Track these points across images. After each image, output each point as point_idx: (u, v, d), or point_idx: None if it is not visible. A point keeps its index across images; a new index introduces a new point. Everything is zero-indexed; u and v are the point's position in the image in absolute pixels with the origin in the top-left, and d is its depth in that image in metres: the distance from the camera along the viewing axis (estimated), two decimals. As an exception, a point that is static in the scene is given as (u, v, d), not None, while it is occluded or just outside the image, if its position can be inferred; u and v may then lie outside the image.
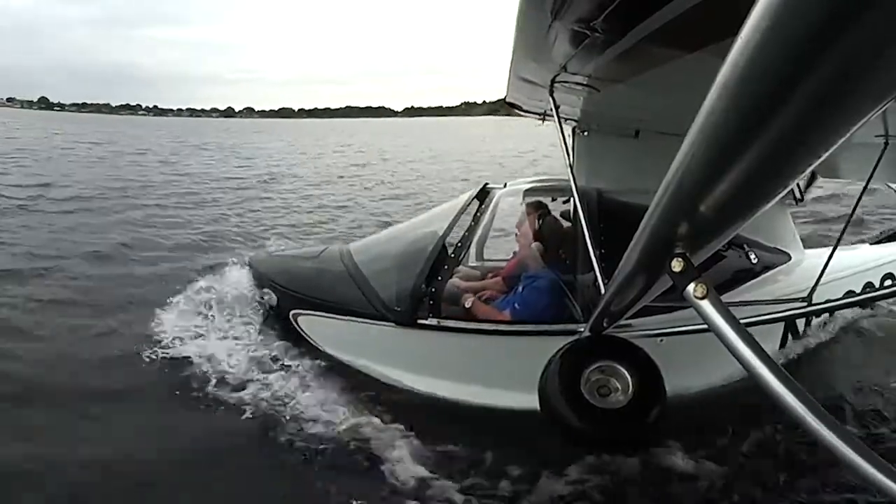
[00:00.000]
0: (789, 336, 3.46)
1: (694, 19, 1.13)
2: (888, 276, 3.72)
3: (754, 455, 2.81)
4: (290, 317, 3.55)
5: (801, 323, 3.47)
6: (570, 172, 2.71)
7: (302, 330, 3.55)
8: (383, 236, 4.23)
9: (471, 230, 3.54)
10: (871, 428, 3.00)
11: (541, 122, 3.80)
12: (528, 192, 3.62)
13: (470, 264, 4.05)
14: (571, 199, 2.89)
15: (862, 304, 3.71)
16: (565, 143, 2.78)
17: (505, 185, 3.70)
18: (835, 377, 3.50)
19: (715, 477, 2.67)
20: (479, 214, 3.54)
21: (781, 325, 3.36)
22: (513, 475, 2.68)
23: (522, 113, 3.81)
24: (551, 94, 2.44)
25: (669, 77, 1.69)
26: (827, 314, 3.59)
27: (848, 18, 0.49)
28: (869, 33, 0.50)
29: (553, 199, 3.59)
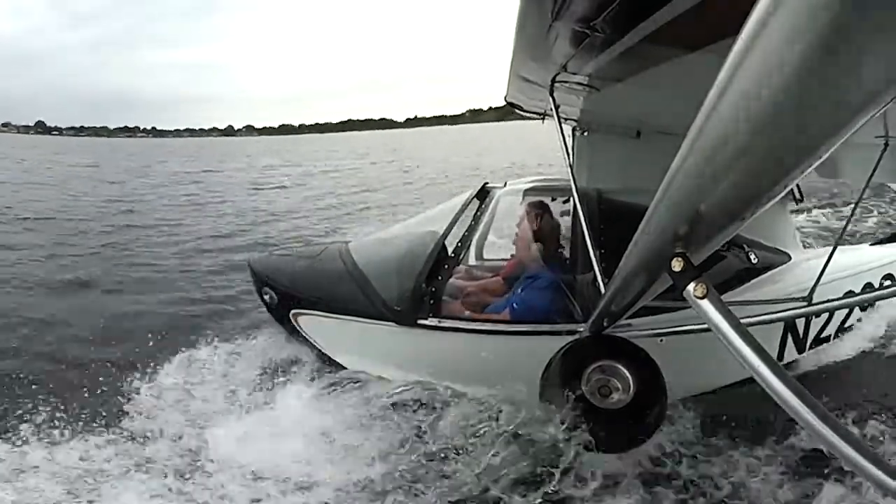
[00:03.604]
0: (789, 335, 3.46)
1: (694, 19, 1.13)
2: (888, 276, 3.72)
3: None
4: (291, 316, 3.55)
5: (800, 323, 3.48)
6: (570, 172, 2.71)
7: (302, 329, 3.55)
8: (383, 235, 4.23)
9: (471, 230, 3.54)
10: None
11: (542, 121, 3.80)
12: (528, 192, 3.62)
13: (470, 264, 4.05)
14: (571, 199, 2.90)
15: (861, 305, 3.71)
16: (565, 143, 2.78)
17: (505, 185, 3.70)
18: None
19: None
20: (478, 214, 3.54)
21: (781, 324, 3.36)
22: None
23: (523, 113, 3.81)
24: (551, 94, 2.45)
25: (669, 77, 1.70)
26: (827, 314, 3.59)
27: (848, 19, 0.50)
28: (868, 34, 0.50)
29: (553, 199, 3.59)
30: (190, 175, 22.46)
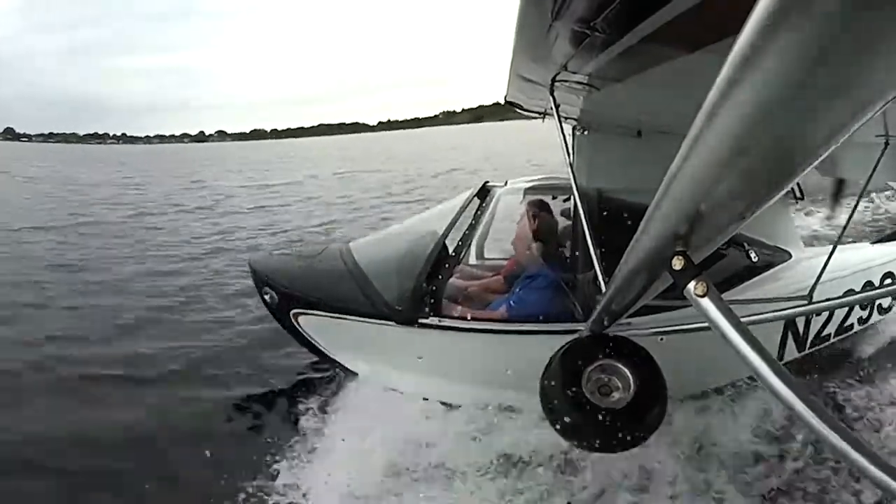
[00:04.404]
0: (790, 334, 3.47)
1: (694, 19, 1.13)
2: (888, 275, 3.73)
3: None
4: (291, 316, 3.56)
5: (801, 322, 3.48)
6: (571, 171, 2.71)
7: (302, 329, 3.55)
8: (384, 235, 4.23)
9: (471, 229, 3.54)
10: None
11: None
12: (528, 191, 3.62)
13: (470, 263, 4.06)
14: (571, 198, 2.90)
15: (861, 304, 3.71)
16: (565, 143, 2.79)
17: (505, 184, 3.71)
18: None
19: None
20: (479, 213, 3.54)
21: (782, 323, 3.36)
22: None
23: (523, 112, 3.81)
24: (551, 94, 2.44)
25: (670, 76, 1.69)
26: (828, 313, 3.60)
27: (848, 18, 0.50)
28: (869, 33, 0.50)
29: (553, 198, 3.59)
30: (279, 193, 15.89)
